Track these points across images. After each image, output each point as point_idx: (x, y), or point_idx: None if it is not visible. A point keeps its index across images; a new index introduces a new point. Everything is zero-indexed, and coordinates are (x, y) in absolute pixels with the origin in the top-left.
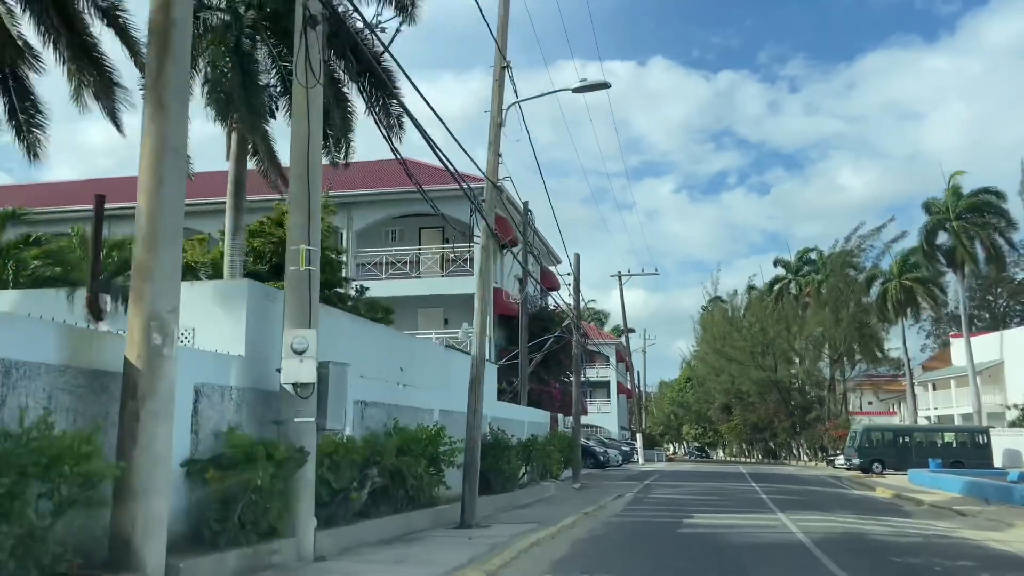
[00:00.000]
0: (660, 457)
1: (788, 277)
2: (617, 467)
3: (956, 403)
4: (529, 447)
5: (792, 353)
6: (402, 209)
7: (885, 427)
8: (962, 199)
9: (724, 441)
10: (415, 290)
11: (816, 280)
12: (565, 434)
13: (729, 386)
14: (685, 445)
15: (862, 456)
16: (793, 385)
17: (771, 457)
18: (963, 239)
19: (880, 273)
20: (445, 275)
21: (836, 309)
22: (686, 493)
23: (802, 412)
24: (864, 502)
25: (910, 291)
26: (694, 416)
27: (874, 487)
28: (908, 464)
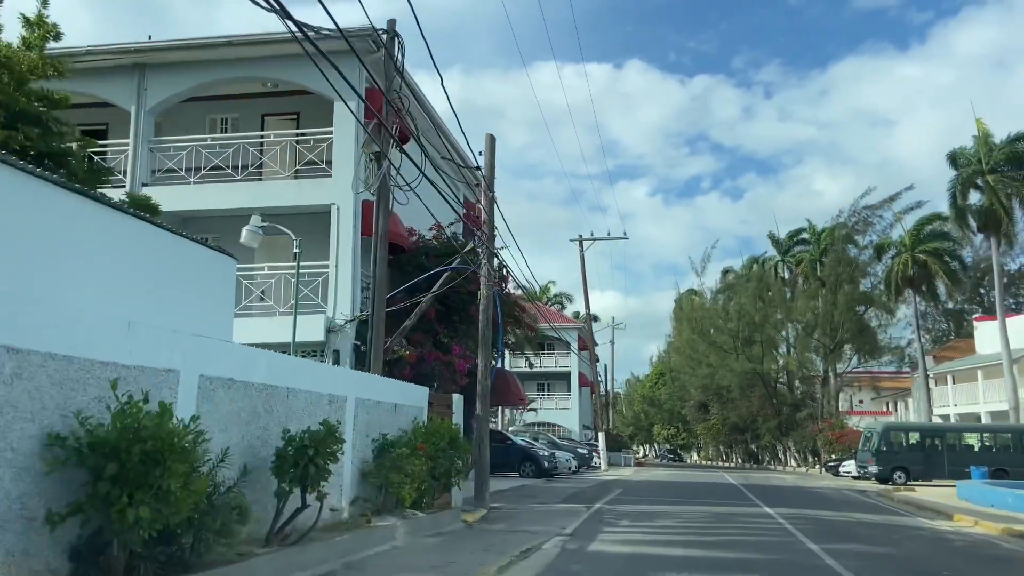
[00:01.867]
0: (628, 461)
1: (777, 258)
2: (571, 474)
3: (984, 398)
4: (304, 454)
5: (780, 341)
6: (230, 72)
7: (910, 426)
8: (996, 149)
9: (699, 443)
10: (251, 200)
11: (809, 257)
12: (454, 429)
13: (708, 380)
14: (656, 447)
15: (881, 463)
16: (780, 379)
17: (754, 461)
18: (1000, 196)
19: (890, 244)
20: (297, 176)
21: (834, 289)
22: (666, 536)
23: (791, 410)
24: (984, 548)
25: (925, 266)
26: (667, 415)
27: (939, 511)
28: (938, 472)
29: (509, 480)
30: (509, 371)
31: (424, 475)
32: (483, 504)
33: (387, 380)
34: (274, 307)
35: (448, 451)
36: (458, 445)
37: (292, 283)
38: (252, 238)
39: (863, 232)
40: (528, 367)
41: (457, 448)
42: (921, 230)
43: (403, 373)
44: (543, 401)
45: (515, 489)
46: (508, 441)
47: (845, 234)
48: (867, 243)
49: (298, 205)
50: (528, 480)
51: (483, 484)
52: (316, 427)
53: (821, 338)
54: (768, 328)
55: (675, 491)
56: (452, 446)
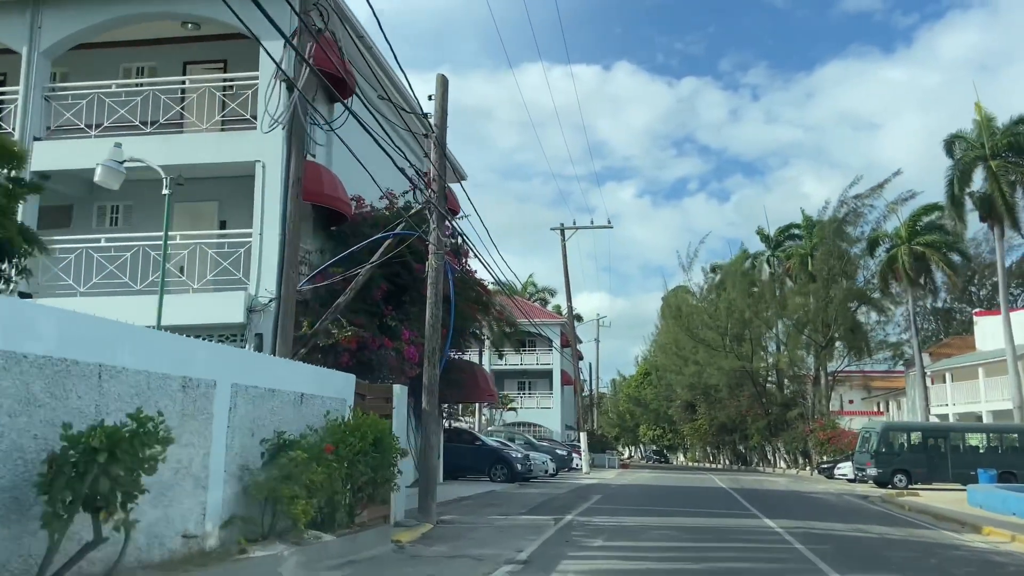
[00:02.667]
0: (612, 462)
1: (767, 253)
2: (548, 478)
3: (986, 396)
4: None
5: (770, 338)
6: (139, 7)
7: (911, 426)
8: (999, 133)
9: (686, 444)
10: (165, 156)
11: (800, 252)
12: (383, 426)
13: (695, 379)
14: (642, 448)
15: (880, 465)
16: (770, 378)
17: (742, 463)
18: (1003, 184)
19: (885, 236)
20: (225, 129)
21: (826, 284)
22: (647, 563)
23: (781, 410)
24: None
25: (922, 258)
26: (652, 415)
27: (961, 522)
28: (941, 475)
29: (477, 485)
30: (478, 364)
31: (332, 486)
32: (429, 517)
33: (289, 363)
34: (187, 283)
35: (372, 454)
36: (386, 446)
37: (210, 255)
38: (109, 176)
39: (854, 223)
40: (500, 359)
41: (385, 450)
42: (918, 221)
43: (341, 361)
44: (524, 400)
45: (479, 496)
46: (478, 442)
47: (836, 227)
48: (859, 235)
49: (218, 163)
50: (498, 485)
51: (429, 493)
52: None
53: (812, 335)
54: (758, 324)
55: (660, 498)
56: (379, 448)
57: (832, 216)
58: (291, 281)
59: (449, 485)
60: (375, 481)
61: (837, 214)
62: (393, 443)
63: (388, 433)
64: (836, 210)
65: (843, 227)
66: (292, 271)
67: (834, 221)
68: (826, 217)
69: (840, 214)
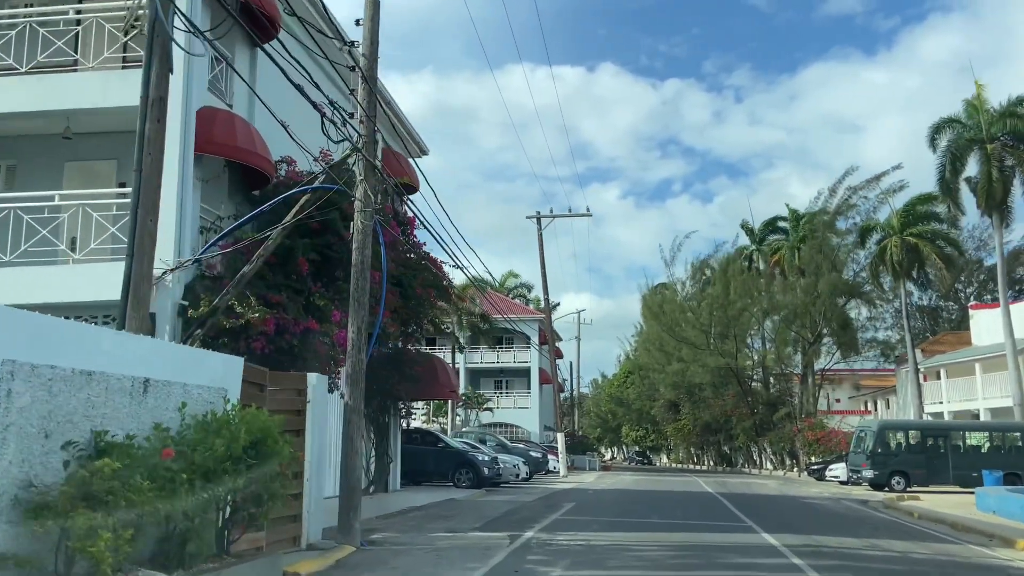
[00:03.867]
0: (593, 464)
1: (751, 247)
2: (520, 482)
3: (983, 393)
4: None
5: (756, 335)
6: None
7: (909, 424)
8: (998, 118)
9: (669, 444)
10: (39, 101)
11: (787, 245)
12: (266, 424)
13: (678, 378)
14: (625, 449)
15: (877, 466)
16: (755, 376)
17: (727, 464)
18: (994, 168)
19: (877, 225)
20: (125, 67)
21: (815, 279)
22: None
23: (767, 409)
24: None
25: (915, 250)
26: (635, 415)
27: (987, 533)
28: (941, 477)
29: (438, 491)
30: (438, 356)
31: (174, 505)
32: (350, 538)
33: (121, 336)
34: (67, 253)
35: (248, 461)
36: (270, 451)
37: (94, 219)
38: None
39: (846, 214)
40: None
41: (267, 455)
42: (911, 211)
43: (254, 348)
44: (500, 400)
45: (434, 506)
46: (440, 444)
47: (827, 220)
48: (849, 227)
49: (104, 107)
50: (462, 491)
51: (351, 508)
52: None
53: (800, 331)
54: (744, 320)
55: (640, 505)
56: (259, 454)
57: (822, 208)
58: (146, 234)
59: (406, 492)
60: (259, 497)
61: (828, 205)
62: (281, 446)
63: (273, 433)
64: (827, 201)
65: (835, 220)
66: (150, 220)
67: (824, 213)
68: (819, 208)
69: (832, 206)
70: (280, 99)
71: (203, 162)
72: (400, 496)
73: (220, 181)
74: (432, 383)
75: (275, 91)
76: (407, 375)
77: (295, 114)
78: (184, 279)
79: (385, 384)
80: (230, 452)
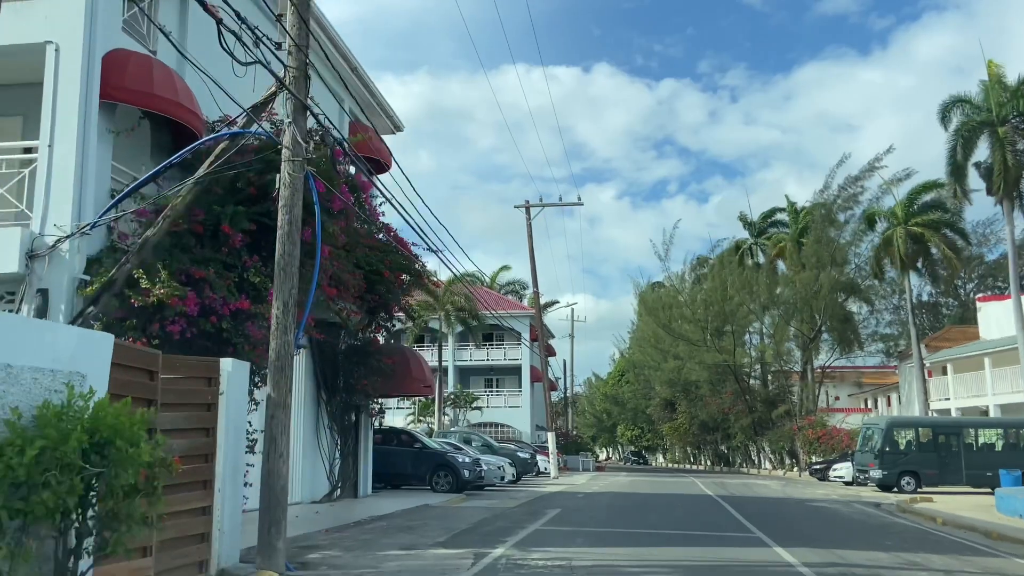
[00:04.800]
0: (587, 465)
1: (749, 241)
2: (506, 485)
3: (993, 389)
4: None
5: (755, 331)
6: None
7: (920, 421)
8: (1010, 99)
9: (665, 444)
10: None
11: (786, 238)
12: (111, 420)
13: (674, 375)
14: (620, 449)
15: (886, 466)
16: (754, 374)
17: (724, 463)
18: (1014, 153)
19: (881, 214)
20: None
21: (815, 273)
22: None
23: (766, 407)
24: None
25: (920, 240)
26: (630, 414)
27: None
28: (954, 477)
29: (413, 496)
30: (411, 349)
31: None
32: (272, 561)
33: None
34: None
35: (85, 470)
36: (121, 457)
37: None
38: None
39: (848, 208)
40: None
41: (117, 463)
42: (915, 200)
43: (171, 330)
44: (490, 399)
45: (399, 516)
46: (417, 444)
47: (826, 213)
48: (848, 218)
49: None
50: (439, 496)
51: (274, 524)
52: None
53: (800, 326)
54: (742, 316)
55: (634, 512)
56: (107, 460)
57: (820, 202)
58: None
59: (376, 498)
60: (112, 518)
61: (827, 198)
62: (138, 451)
63: (129, 433)
64: (818, 194)
65: (833, 212)
66: None
67: (821, 206)
68: (817, 202)
69: (831, 198)
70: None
71: (115, 113)
72: (367, 503)
73: (141, 139)
74: (404, 378)
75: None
76: (375, 368)
77: (242, 78)
78: (87, 249)
79: (350, 378)
80: (60, 457)
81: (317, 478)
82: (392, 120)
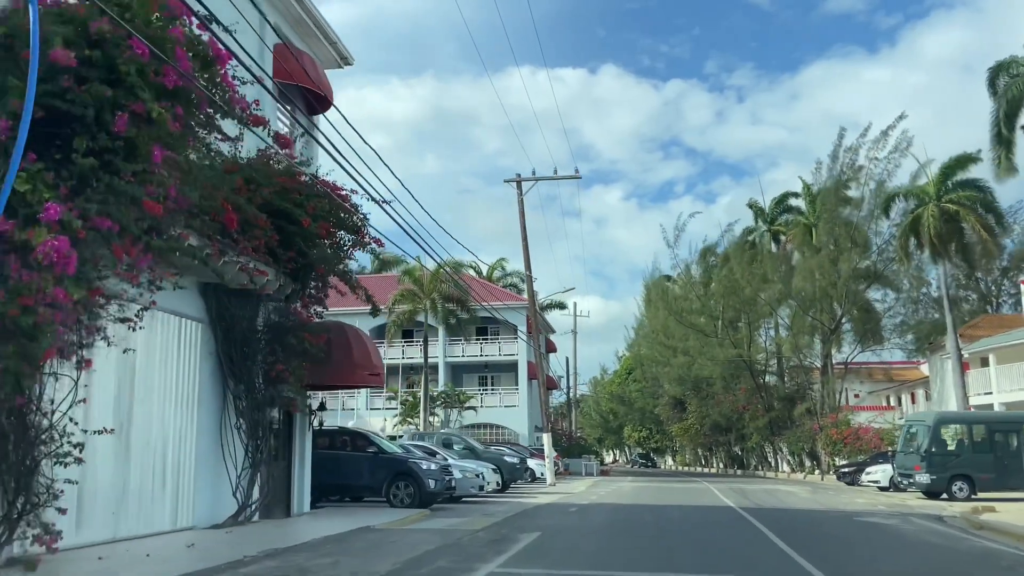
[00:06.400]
0: (590, 469)
1: (761, 229)
2: (490, 494)
3: None
4: None
5: (769, 324)
6: None
7: (974, 417)
8: None
9: (675, 446)
10: None
11: (802, 223)
12: None
13: (684, 371)
14: (627, 451)
15: (934, 469)
16: (770, 369)
17: (738, 466)
18: None
19: (908, 193)
20: None
21: (834, 259)
22: None
23: (784, 405)
24: None
25: (954, 219)
26: (638, 414)
27: None
28: (1015, 481)
29: (359, 515)
30: (353, 327)
31: None
32: None
33: None
34: None
35: None
36: None
37: None
38: None
39: (855, 180)
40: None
41: None
42: (949, 175)
43: None
44: (485, 398)
45: (315, 546)
46: (371, 448)
47: (836, 193)
48: (864, 194)
49: None
50: (395, 513)
51: None
52: None
53: (820, 316)
54: (758, 306)
55: (638, 535)
56: None
57: (832, 179)
58: None
59: (312, 518)
60: None
61: (835, 172)
62: None
63: None
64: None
65: (843, 187)
66: None
67: (834, 181)
68: (823, 176)
69: (836, 172)
70: None
71: None
72: (289, 526)
73: None
74: (342, 363)
75: None
76: (295, 350)
77: None
78: None
79: (267, 360)
80: None
81: (221, 494)
82: (337, 49)
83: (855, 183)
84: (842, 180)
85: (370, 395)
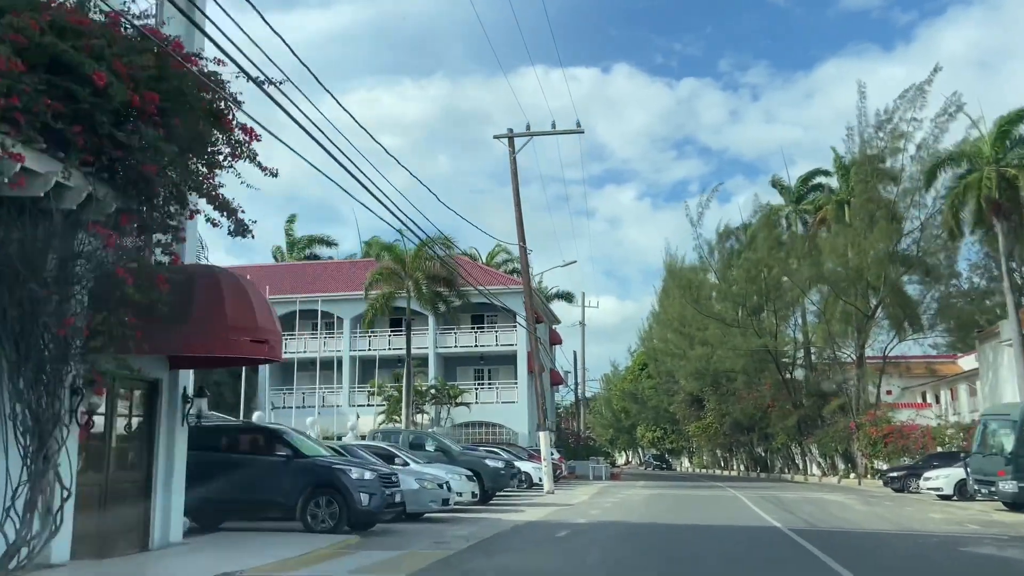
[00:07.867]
0: (599, 472)
1: (786, 208)
2: (463, 509)
3: None
4: None
5: (798, 310)
6: None
7: None
8: None
9: (692, 446)
10: None
11: (835, 199)
12: None
13: (702, 364)
14: (641, 452)
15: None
16: (798, 362)
17: (762, 468)
18: None
19: (952, 157)
20: None
21: (870, 232)
22: None
23: (814, 402)
24: None
25: (1014, 185)
26: (651, 413)
27: None
28: None
29: (249, 546)
30: (231, 272)
31: None
32: None
33: None
34: None
35: None
36: None
37: None
38: None
39: (894, 144)
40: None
41: None
42: (1008, 134)
43: None
44: (481, 393)
45: None
46: (283, 452)
47: (871, 167)
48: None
49: None
50: (309, 541)
51: None
52: None
53: (853, 301)
54: (788, 290)
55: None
56: None
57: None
58: None
59: (169, 554)
60: None
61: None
62: None
63: None
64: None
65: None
66: None
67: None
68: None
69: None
70: None
71: None
72: (119, 569)
73: None
74: (205, 323)
75: None
76: (116, 298)
77: None
78: None
79: (59, 311)
80: None
81: None
82: None
83: (894, 148)
84: (879, 146)
85: (353, 391)
